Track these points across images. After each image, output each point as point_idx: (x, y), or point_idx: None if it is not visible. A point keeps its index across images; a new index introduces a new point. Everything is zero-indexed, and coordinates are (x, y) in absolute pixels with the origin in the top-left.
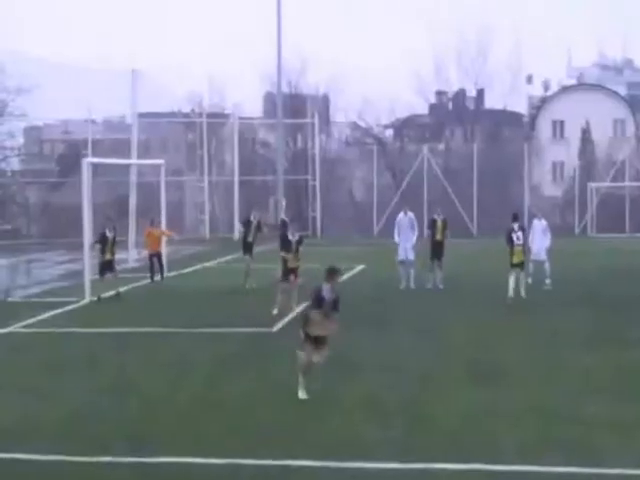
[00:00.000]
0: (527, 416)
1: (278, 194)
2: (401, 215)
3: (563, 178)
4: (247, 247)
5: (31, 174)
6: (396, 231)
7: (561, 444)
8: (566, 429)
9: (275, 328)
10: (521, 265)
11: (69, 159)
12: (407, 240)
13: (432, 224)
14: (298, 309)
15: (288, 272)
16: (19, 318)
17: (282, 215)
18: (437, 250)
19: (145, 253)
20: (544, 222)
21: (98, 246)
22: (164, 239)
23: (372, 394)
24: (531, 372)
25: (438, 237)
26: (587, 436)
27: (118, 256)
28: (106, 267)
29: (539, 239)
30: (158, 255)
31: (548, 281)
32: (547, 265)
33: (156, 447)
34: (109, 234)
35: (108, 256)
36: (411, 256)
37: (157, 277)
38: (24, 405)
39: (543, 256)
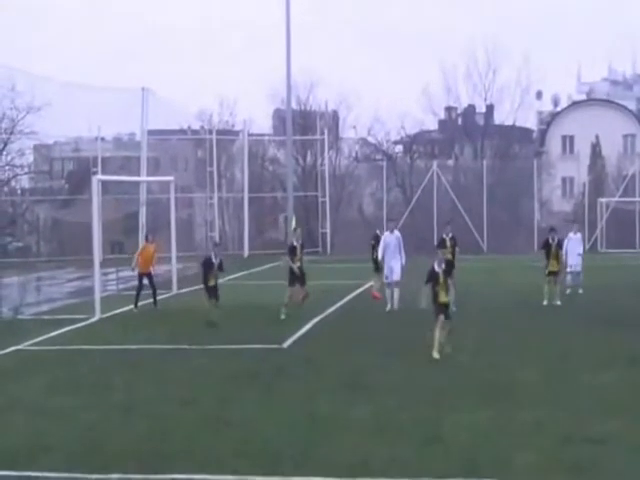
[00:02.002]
0: (540, 435)
1: (288, 211)
2: (387, 234)
3: (573, 193)
4: (211, 291)
5: (41, 192)
6: (381, 250)
7: (572, 462)
8: (579, 449)
9: (285, 344)
10: (555, 274)
11: (79, 177)
12: (393, 259)
13: (441, 243)
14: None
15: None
16: (29, 336)
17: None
18: (448, 269)
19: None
20: (579, 235)
21: (202, 270)
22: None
23: (382, 412)
24: (544, 391)
25: (448, 256)
26: (601, 456)
27: (128, 273)
28: (211, 293)
29: (574, 251)
30: (149, 275)
31: (581, 290)
32: (581, 275)
33: (166, 464)
34: (215, 260)
35: (212, 282)
36: (397, 277)
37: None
38: (34, 423)
39: (579, 267)
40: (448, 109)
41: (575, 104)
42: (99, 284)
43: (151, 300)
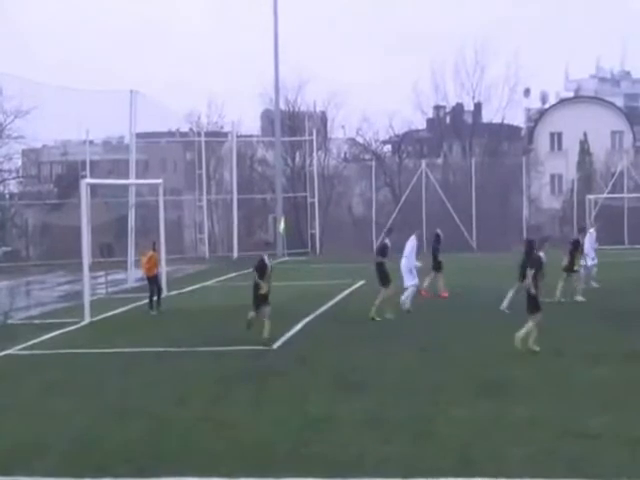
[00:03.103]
0: (535, 430)
1: (277, 212)
2: (413, 238)
3: (562, 190)
4: (261, 300)
5: (30, 196)
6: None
7: (567, 457)
8: (573, 443)
9: (276, 345)
10: (575, 271)
11: (68, 180)
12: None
13: (437, 239)
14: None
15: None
16: (19, 340)
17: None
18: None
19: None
20: (594, 233)
21: (256, 274)
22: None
23: (376, 410)
24: (539, 386)
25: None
26: (596, 451)
27: (117, 276)
28: (261, 302)
29: (592, 248)
30: (155, 278)
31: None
32: (595, 270)
33: (159, 467)
34: (268, 262)
35: (264, 290)
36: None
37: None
38: (26, 427)
39: (595, 262)
40: (436, 108)
41: (563, 101)
42: (88, 288)
43: (143, 302)
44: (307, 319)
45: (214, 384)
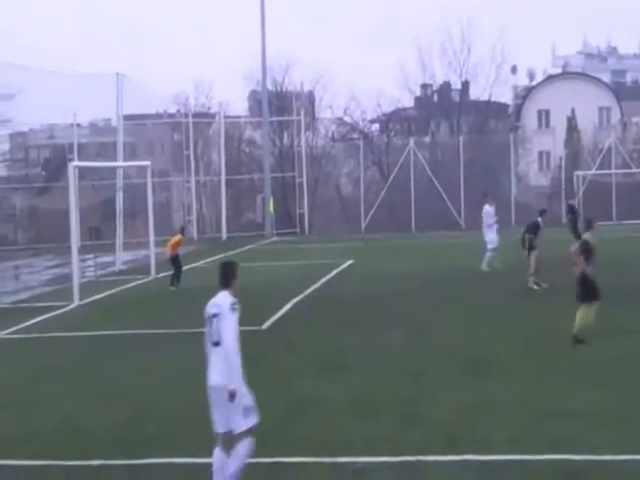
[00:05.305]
0: (520, 410)
1: (265, 192)
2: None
3: (550, 167)
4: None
5: (17, 180)
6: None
7: (555, 438)
8: (560, 423)
9: (264, 326)
10: None
11: (55, 164)
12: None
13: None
14: None
15: None
16: (6, 324)
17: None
18: None
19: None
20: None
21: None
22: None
23: (362, 393)
24: (524, 366)
25: None
26: (581, 430)
27: (105, 259)
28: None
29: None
30: (177, 258)
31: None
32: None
33: (146, 449)
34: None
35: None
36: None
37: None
38: (14, 411)
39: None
40: (424, 86)
41: (550, 78)
42: (77, 271)
43: (132, 284)
44: (295, 299)
45: (202, 366)
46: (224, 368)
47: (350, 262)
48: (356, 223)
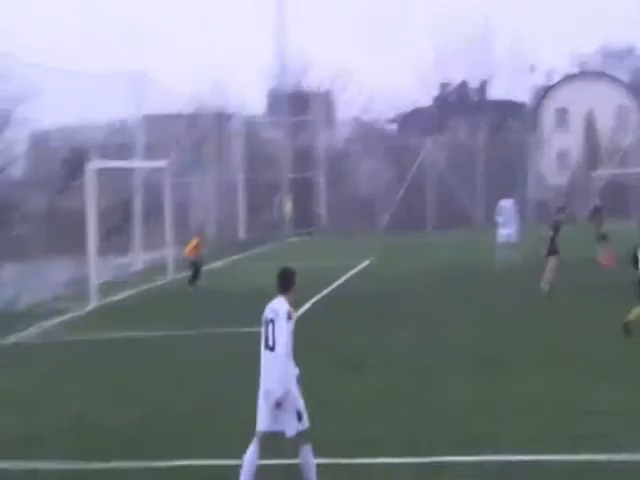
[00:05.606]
0: (537, 407)
1: (283, 192)
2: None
3: (568, 167)
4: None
5: (35, 180)
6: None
7: (572, 435)
8: (578, 420)
9: None
10: None
11: (74, 164)
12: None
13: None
14: None
15: None
16: (24, 326)
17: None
18: None
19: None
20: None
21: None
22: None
23: (377, 392)
24: (542, 363)
25: None
26: (600, 427)
27: (123, 260)
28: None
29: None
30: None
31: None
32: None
33: (158, 450)
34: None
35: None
36: None
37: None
38: (28, 412)
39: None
40: (442, 85)
41: (568, 77)
42: (95, 272)
43: (150, 285)
44: (314, 299)
45: (218, 366)
46: (275, 374)
47: (368, 262)
48: (374, 222)
